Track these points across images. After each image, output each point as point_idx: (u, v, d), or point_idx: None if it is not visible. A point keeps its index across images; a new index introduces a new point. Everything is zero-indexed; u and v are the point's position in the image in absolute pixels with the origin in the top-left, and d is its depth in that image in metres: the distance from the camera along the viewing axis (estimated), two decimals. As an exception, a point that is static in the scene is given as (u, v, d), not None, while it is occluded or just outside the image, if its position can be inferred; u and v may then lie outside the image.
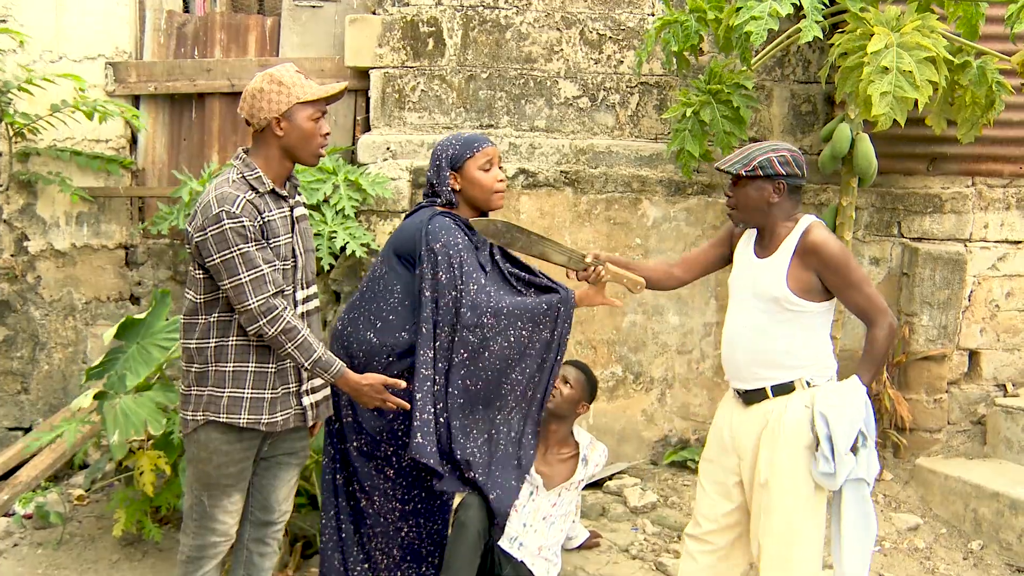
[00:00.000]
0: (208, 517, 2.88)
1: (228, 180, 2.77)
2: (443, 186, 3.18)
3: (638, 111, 4.90)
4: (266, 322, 2.69)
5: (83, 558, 3.99)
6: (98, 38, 4.99)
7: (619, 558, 4.07)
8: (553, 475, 3.70)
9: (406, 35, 4.79)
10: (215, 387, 2.81)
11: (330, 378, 2.80)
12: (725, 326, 3.11)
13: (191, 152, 5.08)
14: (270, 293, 2.70)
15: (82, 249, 5.03)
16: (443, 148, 3.21)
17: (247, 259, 2.68)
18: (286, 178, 2.89)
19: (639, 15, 4.86)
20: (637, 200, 4.82)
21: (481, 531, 3.14)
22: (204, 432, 2.81)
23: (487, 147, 3.18)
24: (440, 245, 3.05)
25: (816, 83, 4.90)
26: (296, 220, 2.90)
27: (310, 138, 2.81)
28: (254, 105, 2.78)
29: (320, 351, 2.76)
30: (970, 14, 4.03)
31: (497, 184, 3.19)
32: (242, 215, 2.68)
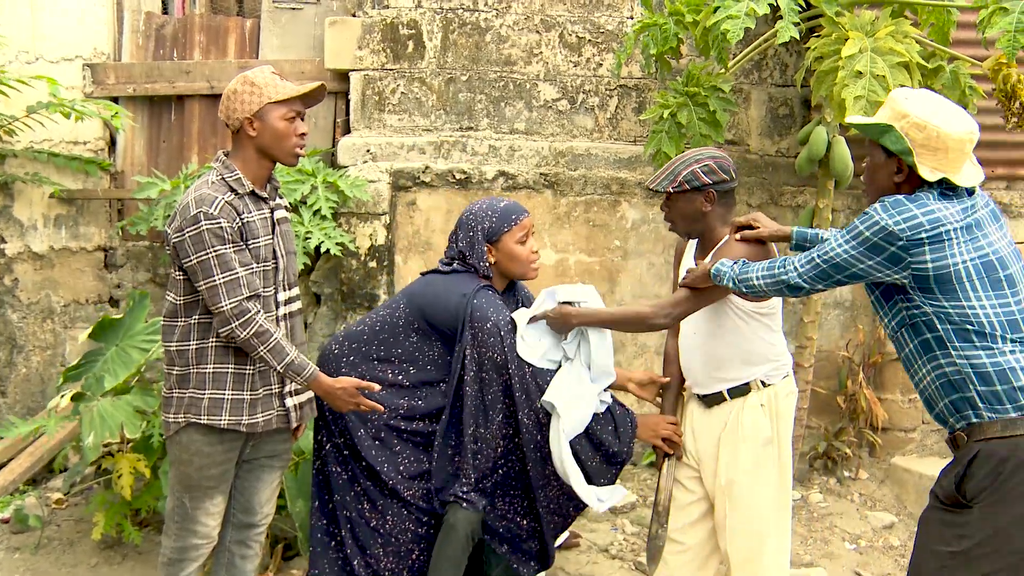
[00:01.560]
0: (190, 519, 2.88)
1: (207, 182, 2.78)
2: (480, 260, 3.12)
3: (617, 114, 4.93)
4: (238, 324, 2.69)
5: (62, 562, 3.97)
6: (76, 39, 4.97)
7: (599, 558, 4.10)
8: None
9: (386, 38, 4.80)
10: (196, 389, 2.81)
11: (303, 381, 2.79)
12: (680, 335, 3.11)
13: (170, 154, 5.06)
14: (244, 296, 2.70)
15: (60, 251, 5.01)
16: (477, 220, 3.13)
17: (222, 261, 2.69)
18: (266, 180, 2.90)
19: (618, 18, 4.90)
20: (616, 202, 4.85)
21: (470, 534, 3.15)
22: (186, 434, 2.81)
23: (524, 219, 3.14)
24: (491, 324, 3.01)
25: (793, 86, 4.95)
26: (277, 222, 2.91)
27: (284, 138, 2.82)
28: (229, 107, 2.81)
29: (293, 355, 2.75)
30: (942, 21, 4.09)
31: (532, 256, 3.15)
32: (220, 216, 2.69)
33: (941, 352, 2.37)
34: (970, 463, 2.32)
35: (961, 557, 2.31)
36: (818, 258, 2.46)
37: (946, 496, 2.37)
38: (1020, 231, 5.25)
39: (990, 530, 2.29)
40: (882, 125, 2.42)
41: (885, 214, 2.34)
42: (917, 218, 2.32)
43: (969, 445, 2.35)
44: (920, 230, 2.31)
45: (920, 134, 2.36)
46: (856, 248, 2.37)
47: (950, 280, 2.32)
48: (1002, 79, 3.86)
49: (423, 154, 4.76)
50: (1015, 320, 2.36)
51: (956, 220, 2.34)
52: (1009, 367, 2.31)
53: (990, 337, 2.32)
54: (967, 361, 2.33)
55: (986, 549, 2.29)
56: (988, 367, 2.32)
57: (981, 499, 2.30)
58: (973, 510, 2.31)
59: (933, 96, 2.47)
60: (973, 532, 2.30)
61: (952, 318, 2.34)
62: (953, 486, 2.34)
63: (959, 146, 2.36)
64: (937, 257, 2.32)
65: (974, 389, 2.33)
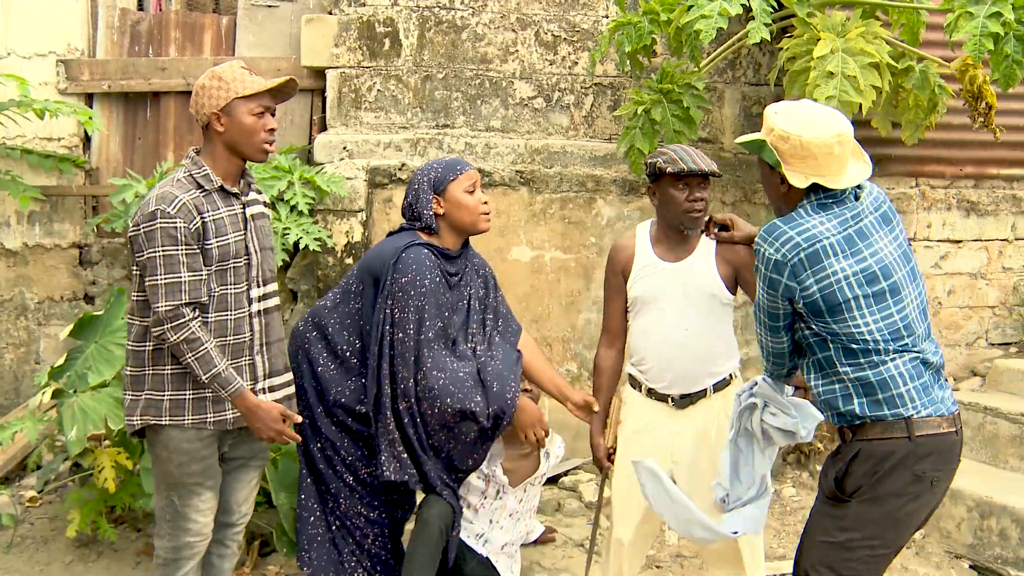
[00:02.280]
0: (181, 517, 2.85)
1: (173, 179, 2.78)
2: (425, 209, 3.12)
3: (592, 112, 4.97)
4: (170, 327, 2.67)
5: (35, 560, 3.95)
6: (49, 35, 4.93)
7: (574, 552, 4.14)
8: (518, 471, 3.73)
9: (362, 35, 4.81)
10: (152, 391, 2.78)
11: (227, 396, 2.74)
12: (654, 337, 3.07)
13: (146, 151, 5.04)
14: (182, 301, 2.68)
15: (34, 248, 4.97)
16: (424, 172, 3.17)
17: (168, 261, 2.68)
18: (237, 175, 2.88)
19: (593, 17, 4.93)
20: (592, 199, 4.89)
21: (443, 528, 3.18)
22: (164, 432, 2.79)
23: (469, 170, 3.17)
24: (404, 282, 3.02)
25: (766, 85, 5.01)
26: (251, 217, 2.89)
27: (251, 133, 2.80)
28: (197, 102, 2.81)
29: (221, 367, 2.71)
30: (912, 22, 4.15)
31: (482, 206, 3.15)
32: (177, 216, 2.67)
33: (831, 370, 2.51)
34: (851, 461, 2.48)
35: (839, 547, 2.50)
36: (758, 311, 2.59)
37: (829, 491, 2.55)
38: (989, 229, 5.36)
39: (865, 523, 2.47)
40: (758, 141, 2.53)
41: (765, 244, 2.47)
42: (793, 239, 2.43)
43: (852, 443, 2.51)
44: (798, 250, 2.42)
45: (785, 144, 2.47)
46: (766, 290, 2.50)
47: (836, 300, 2.43)
48: (969, 80, 3.93)
49: (399, 151, 4.77)
50: (897, 329, 2.47)
51: (833, 232, 2.45)
52: (890, 375, 2.45)
53: (874, 352, 2.45)
54: (854, 377, 2.47)
55: (862, 541, 2.48)
56: (871, 379, 2.46)
57: (859, 495, 2.48)
58: (851, 504, 2.49)
59: (802, 106, 2.56)
60: (850, 525, 2.49)
61: (840, 339, 2.46)
62: (834, 482, 2.52)
63: (825, 151, 2.44)
64: (820, 278, 2.43)
65: (858, 400, 2.47)
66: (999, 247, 5.38)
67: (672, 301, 3.04)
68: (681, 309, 3.02)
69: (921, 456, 2.45)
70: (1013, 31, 3.49)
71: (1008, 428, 4.58)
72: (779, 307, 2.50)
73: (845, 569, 2.48)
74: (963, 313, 5.32)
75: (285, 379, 3.01)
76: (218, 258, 2.77)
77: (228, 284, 2.81)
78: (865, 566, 2.49)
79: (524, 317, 4.83)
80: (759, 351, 2.70)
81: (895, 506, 2.46)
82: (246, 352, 2.87)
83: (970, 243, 5.33)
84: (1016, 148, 5.21)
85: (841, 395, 2.49)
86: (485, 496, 3.62)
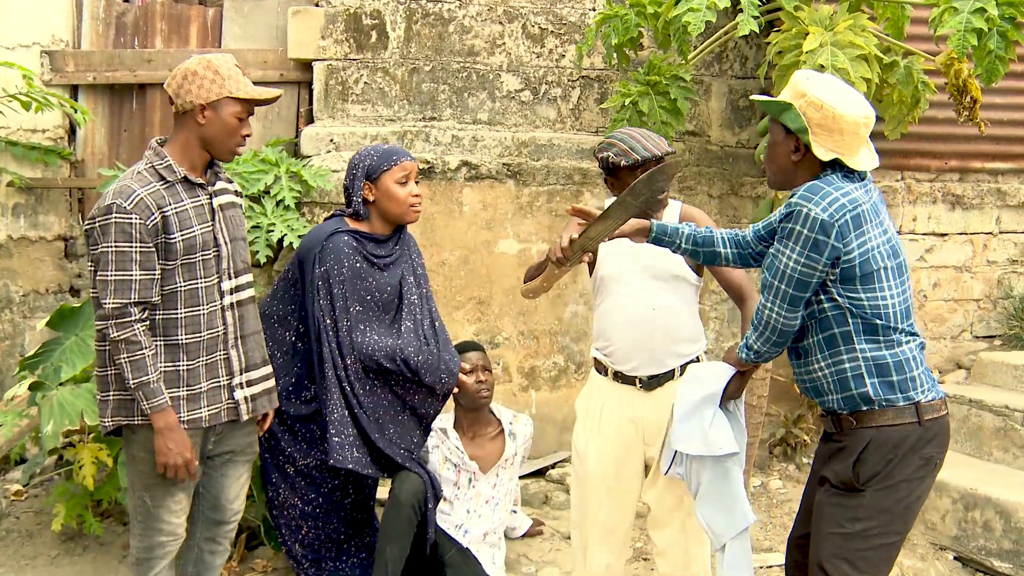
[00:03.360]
0: (153, 518, 2.82)
1: (134, 172, 2.72)
2: (355, 196, 3.19)
3: (579, 104, 4.97)
4: (113, 323, 2.63)
5: (21, 554, 3.94)
6: (33, 25, 4.90)
7: (561, 545, 4.14)
8: (486, 457, 3.75)
9: (349, 27, 4.79)
10: (121, 391, 2.73)
11: (147, 408, 2.66)
12: (620, 315, 3.06)
13: (132, 143, 5.02)
14: (130, 300, 2.63)
15: (19, 241, 4.95)
16: (361, 158, 3.22)
17: (121, 258, 2.62)
18: (204, 167, 2.83)
19: (580, 10, 4.93)
20: (579, 192, 4.89)
21: (416, 505, 3.21)
22: (141, 431, 2.75)
23: (405, 161, 3.20)
24: (323, 270, 3.11)
25: (754, 79, 5.01)
26: (220, 208, 2.84)
27: (230, 134, 2.77)
28: (183, 86, 2.74)
29: (151, 377, 2.65)
30: (896, 16, 4.17)
31: (412, 199, 3.20)
32: (132, 212, 2.62)
33: (845, 348, 2.46)
34: (863, 450, 2.45)
35: (855, 538, 2.46)
36: (778, 283, 2.45)
37: (840, 481, 2.50)
38: (974, 222, 5.39)
39: (880, 512, 2.45)
40: (783, 103, 2.47)
41: (811, 204, 2.36)
42: (838, 200, 2.36)
43: (859, 431, 2.47)
44: (844, 212, 2.36)
45: (817, 113, 2.41)
46: (806, 254, 2.38)
47: (871, 268, 2.40)
48: (954, 74, 3.95)
49: (387, 144, 4.75)
50: (908, 308, 2.48)
51: (865, 200, 2.42)
52: (905, 358, 2.44)
53: (892, 330, 2.43)
54: (870, 355, 2.43)
55: (877, 529, 2.45)
56: (887, 359, 2.43)
57: (873, 484, 2.45)
58: (865, 494, 2.46)
59: (835, 80, 2.52)
60: (865, 514, 2.46)
61: (864, 312, 2.41)
62: (849, 472, 2.46)
63: (854, 128, 2.41)
64: (861, 242, 2.38)
65: (870, 382, 2.44)
66: (984, 240, 5.41)
67: (637, 280, 3.04)
68: (646, 288, 3.02)
69: (928, 440, 2.45)
70: (996, 27, 3.51)
71: (992, 420, 4.61)
72: (814, 273, 2.39)
73: (860, 559, 2.45)
74: (948, 306, 5.35)
75: (263, 372, 2.97)
76: (184, 251, 2.71)
77: (198, 278, 2.76)
78: (879, 555, 2.47)
79: (511, 310, 4.84)
80: (753, 330, 2.57)
81: (907, 491, 2.45)
82: (220, 346, 2.83)
83: (955, 236, 5.36)
84: (1000, 142, 5.24)
85: (853, 375, 2.44)
86: (458, 486, 3.65)
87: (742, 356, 2.65)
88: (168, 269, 2.71)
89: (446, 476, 3.64)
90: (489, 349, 4.85)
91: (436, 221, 4.78)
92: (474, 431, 3.77)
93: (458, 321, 4.82)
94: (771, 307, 2.47)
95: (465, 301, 4.82)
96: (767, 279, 2.48)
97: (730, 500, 2.76)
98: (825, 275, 2.41)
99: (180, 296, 2.73)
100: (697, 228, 2.80)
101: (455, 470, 3.65)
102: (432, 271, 4.80)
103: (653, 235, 2.79)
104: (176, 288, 2.73)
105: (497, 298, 4.84)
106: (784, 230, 2.42)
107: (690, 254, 2.81)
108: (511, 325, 4.86)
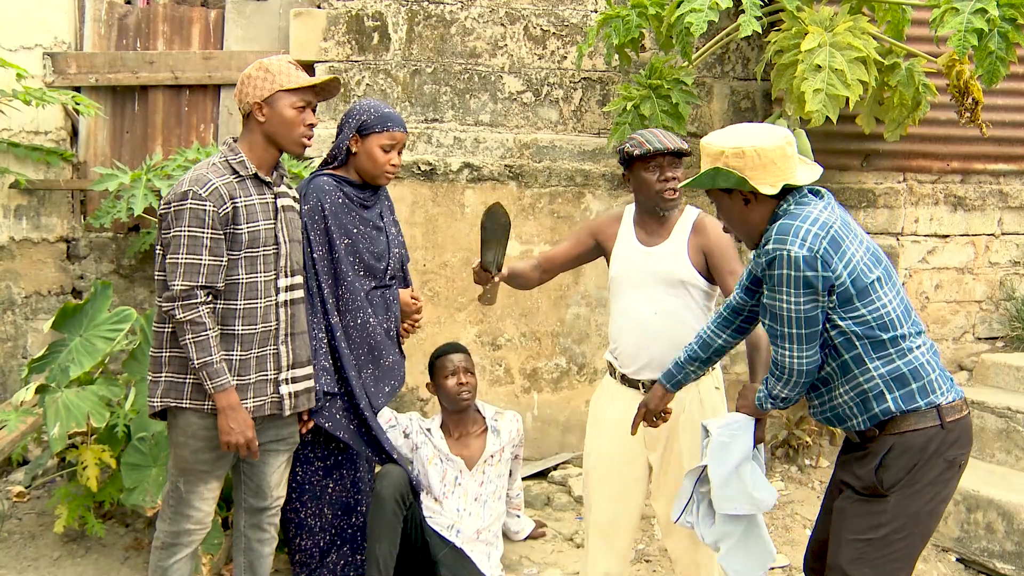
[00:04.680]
0: (184, 503, 2.89)
1: (209, 163, 2.84)
2: (342, 142, 3.30)
3: (581, 106, 4.97)
4: (180, 304, 2.72)
5: (23, 555, 3.94)
6: (35, 27, 4.91)
7: (564, 547, 4.14)
8: (471, 454, 3.77)
9: (351, 29, 4.80)
10: (173, 373, 2.82)
11: (211, 388, 2.75)
12: (625, 318, 3.08)
13: (134, 145, 5.03)
14: (197, 284, 2.73)
15: (21, 243, 4.95)
16: (359, 111, 3.30)
17: (192, 242, 2.73)
18: (272, 166, 2.94)
19: (582, 11, 4.93)
20: (580, 194, 4.89)
21: (399, 498, 3.26)
22: (183, 417, 2.83)
23: (396, 131, 3.28)
24: (308, 208, 3.20)
25: (754, 80, 5.02)
26: (282, 208, 2.95)
27: (291, 126, 2.87)
28: (242, 90, 2.88)
29: (215, 357, 2.73)
30: (897, 18, 4.17)
31: (389, 167, 3.29)
32: (207, 199, 2.73)
33: (860, 370, 2.45)
34: (886, 455, 2.44)
35: (879, 544, 2.44)
36: (788, 329, 2.42)
37: (864, 487, 2.48)
38: (975, 224, 5.39)
39: (904, 516, 2.43)
40: (708, 171, 2.48)
41: (787, 245, 2.36)
42: (810, 230, 2.36)
43: (883, 439, 2.46)
44: (819, 240, 2.36)
45: (741, 160, 2.43)
46: (802, 293, 2.37)
47: (862, 283, 2.39)
48: (955, 75, 3.95)
49: (388, 146, 4.76)
50: (907, 309, 2.47)
51: (834, 219, 2.42)
52: (919, 363, 2.43)
53: (900, 338, 2.42)
54: (885, 371, 2.42)
55: (901, 534, 2.43)
56: (903, 369, 2.42)
57: (897, 488, 2.43)
58: (890, 499, 2.44)
59: (736, 126, 2.56)
60: (889, 519, 2.44)
61: (870, 328, 2.40)
62: (873, 477, 2.45)
63: (780, 154, 2.43)
64: (846, 262, 2.38)
65: (890, 397, 2.43)
66: (986, 242, 5.41)
67: (643, 284, 3.04)
68: (651, 293, 3.02)
69: (952, 442, 2.44)
70: (997, 27, 3.50)
71: (995, 422, 4.61)
72: (818, 307, 2.38)
73: (883, 564, 2.43)
74: (950, 308, 5.35)
75: (307, 371, 3.05)
76: (248, 243, 2.82)
77: (258, 271, 2.85)
78: (901, 560, 2.45)
79: (513, 311, 4.84)
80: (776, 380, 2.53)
81: (932, 494, 2.44)
82: (272, 341, 2.91)
83: (957, 238, 5.36)
84: (1002, 143, 5.23)
85: (873, 395, 2.43)
86: (445, 484, 3.66)
87: (766, 406, 2.62)
88: (232, 259, 2.81)
89: (433, 475, 3.66)
90: (491, 350, 4.85)
91: (438, 222, 4.78)
92: (460, 431, 3.80)
93: (460, 322, 4.82)
94: (789, 353, 2.45)
95: (467, 303, 4.82)
96: (773, 329, 2.47)
97: (757, 543, 2.74)
98: (826, 303, 2.41)
99: (241, 288, 2.83)
100: (691, 347, 2.80)
101: (441, 469, 3.67)
102: (434, 272, 4.80)
103: (672, 390, 2.85)
104: (238, 280, 2.83)
105: (499, 300, 4.83)
106: (772, 279, 2.41)
107: (706, 364, 2.81)
108: (513, 327, 4.86)
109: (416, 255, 4.74)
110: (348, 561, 3.41)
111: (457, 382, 3.70)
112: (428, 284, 4.80)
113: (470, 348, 4.28)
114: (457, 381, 3.70)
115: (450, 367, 3.71)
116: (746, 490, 2.65)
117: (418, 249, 4.76)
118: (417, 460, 3.70)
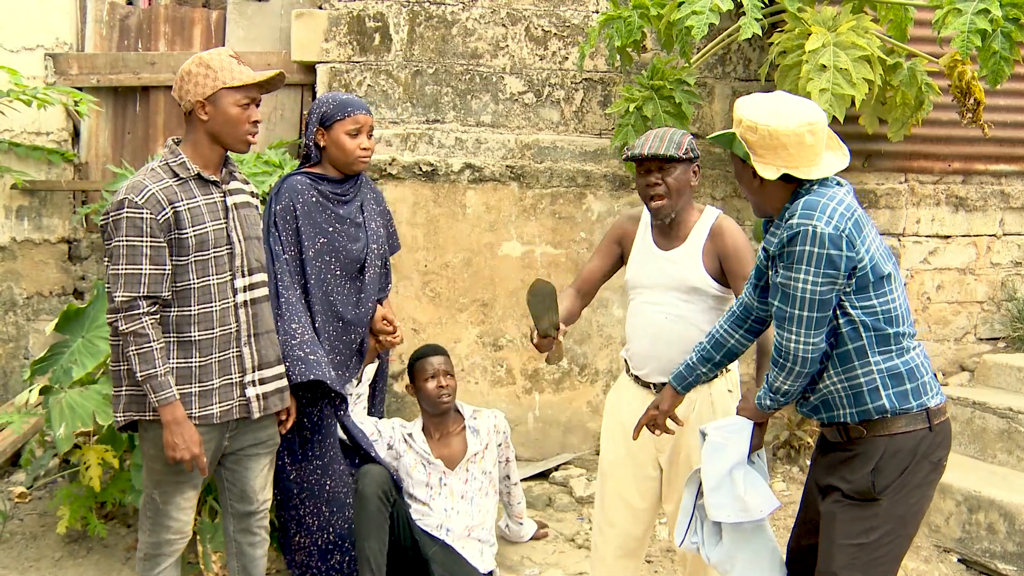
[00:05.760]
0: (162, 514, 2.84)
1: (148, 169, 2.76)
2: (309, 140, 3.31)
3: (583, 107, 4.97)
4: (123, 316, 2.65)
5: (25, 556, 3.94)
6: (37, 28, 4.91)
7: (565, 547, 4.14)
8: (452, 455, 3.77)
9: (352, 30, 4.79)
10: (134, 386, 2.76)
11: (155, 401, 2.68)
12: (638, 320, 3.07)
13: (135, 145, 5.03)
14: (139, 294, 2.65)
15: (23, 243, 4.96)
16: (319, 104, 3.32)
17: (131, 251, 2.65)
18: (218, 164, 2.85)
19: (584, 12, 4.93)
20: (582, 194, 4.89)
21: (382, 496, 3.27)
22: (152, 430, 2.77)
23: (359, 114, 3.27)
24: (280, 208, 3.22)
25: (756, 80, 5.01)
26: (234, 207, 2.86)
27: (235, 124, 2.78)
28: (182, 87, 2.77)
29: (159, 370, 2.66)
30: (900, 18, 4.17)
31: (360, 151, 3.29)
32: (144, 207, 2.65)
33: (860, 363, 2.41)
34: (880, 459, 2.41)
35: (870, 548, 2.42)
36: (798, 310, 2.35)
37: (855, 490, 2.44)
38: (977, 224, 5.39)
39: (894, 519, 2.42)
40: (728, 134, 2.44)
41: (814, 220, 2.29)
42: (837, 209, 2.31)
43: (872, 440, 2.43)
44: (846, 220, 2.31)
45: (754, 136, 2.37)
46: (822, 272, 2.30)
47: (880, 272, 2.36)
48: (957, 76, 3.95)
49: (390, 146, 4.77)
50: (908, 309, 2.46)
51: (856, 205, 2.38)
52: (916, 364, 2.43)
53: (901, 336, 2.41)
54: (884, 367, 2.40)
55: (890, 536, 2.42)
56: (900, 368, 2.41)
57: (889, 492, 2.41)
58: (881, 502, 2.42)
59: (772, 96, 2.45)
60: (881, 523, 2.42)
61: (878, 320, 2.37)
62: (867, 481, 2.41)
63: (796, 140, 2.34)
64: (867, 247, 2.34)
65: (885, 394, 2.40)
66: (988, 242, 5.41)
67: (656, 288, 3.02)
68: (664, 297, 3.00)
69: (938, 444, 2.44)
70: (1000, 27, 3.50)
71: (996, 423, 4.60)
72: (834, 289, 2.31)
73: (872, 567, 2.42)
74: (952, 308, 5.34)
75: (276, 371, 2.98)
76: (196, 247, 2.74)
77: (210, 274, 2.78)
78: (889, 563, 2.45)
79: (515, 312, 4.84)
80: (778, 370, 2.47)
81: (918, 496, 2.43)
82: (233, 344, 2.85)
83: (959, 238, 5.36)
84: (1004, 144, 5.23)
85: (868, 389, 2.40)
86: (430, 486, 3.66)
87: (766, 404, 2.56)
88: (181, 265, 2.74)
89: (418, 478, 3.67)
90: (493, 351, 4.85)
91: (439, 223, 4.78)
92: (441, 432, 3.79)
93: (461, 323, 4.82)
94: (795, 337, 2.37)
95: (469, 303, 4.82)
96: (782, 311, 2.39)
97: (766, 554, 2.70)
98: (841, 289, 2.35)
99: (193, 293, 2.75)
100: (703, 346, 2.76)
101: (425, 471, 3.68)
102: (435, 273, 4.80)
103: (683, 391, 2.83)
104: (189, 285, 2.75)
105: (500, 300, 4.84)
106: (791, 255, 2.33)
107: (718, 366, 2.78)
108: (514, 327, 4.86)
109: (417, 256, 4.74)
110: (351, 559, 3.42)
111: (437, 385, 3.70)
112: (429, 285, 4.79)
113: (472, 349, 4.30)
114: (437, 384, 3.70)
115: (430, 370, 3.69)
116: (737, 495, 2.59)
117: (419, 250, 4.76)
118: (401, 467, 3.70)
